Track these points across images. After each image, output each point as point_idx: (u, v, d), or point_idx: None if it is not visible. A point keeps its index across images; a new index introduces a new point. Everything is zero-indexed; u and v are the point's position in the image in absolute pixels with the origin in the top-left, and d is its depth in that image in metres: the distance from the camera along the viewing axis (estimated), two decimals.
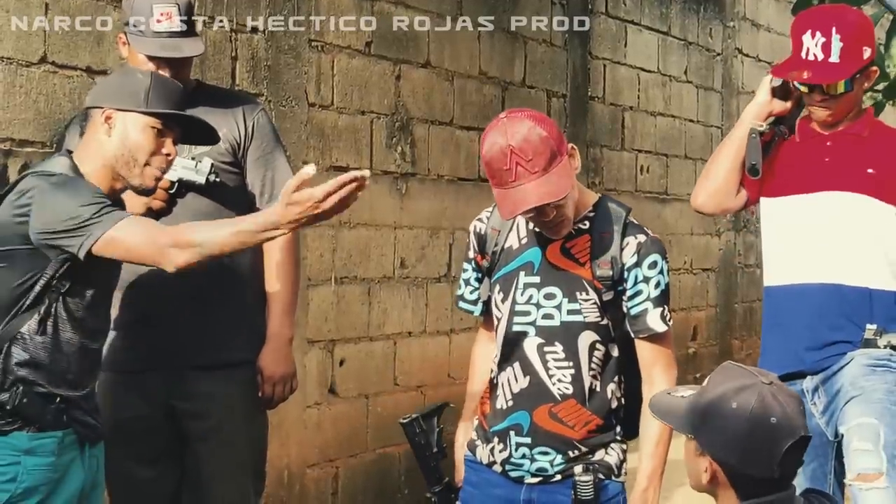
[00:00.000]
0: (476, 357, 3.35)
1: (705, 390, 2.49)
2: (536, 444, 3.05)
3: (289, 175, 3.75)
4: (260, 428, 3.80)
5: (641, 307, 3.04)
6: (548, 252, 3.06)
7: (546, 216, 2.94)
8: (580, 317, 3.03)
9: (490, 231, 3.14)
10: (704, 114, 9.40)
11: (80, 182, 3.02)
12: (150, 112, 3.08)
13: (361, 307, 5.76)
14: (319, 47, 5.49)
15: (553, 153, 2.87)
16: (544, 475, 3.06)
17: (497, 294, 3.11)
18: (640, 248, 3.05)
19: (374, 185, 5.83)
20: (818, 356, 3.67)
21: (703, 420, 2.45)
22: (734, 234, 9.84)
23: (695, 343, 9.28)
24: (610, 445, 3.09)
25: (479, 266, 3.20)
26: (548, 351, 3.04)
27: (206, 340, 3.62)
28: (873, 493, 3.48)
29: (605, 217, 3.07)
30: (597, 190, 7.87)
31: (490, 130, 2.91)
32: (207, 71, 4.80)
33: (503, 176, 2.85)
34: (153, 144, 3.10)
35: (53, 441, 3.01)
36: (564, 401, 3.04)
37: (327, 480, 5.60)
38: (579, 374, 3.03)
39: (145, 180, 3.12)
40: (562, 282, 3.04)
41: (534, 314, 3.05)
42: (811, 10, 3.79)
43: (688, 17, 9.12)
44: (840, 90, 3.61)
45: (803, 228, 3.72)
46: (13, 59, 4.05)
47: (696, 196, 3.94)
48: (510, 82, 6.95)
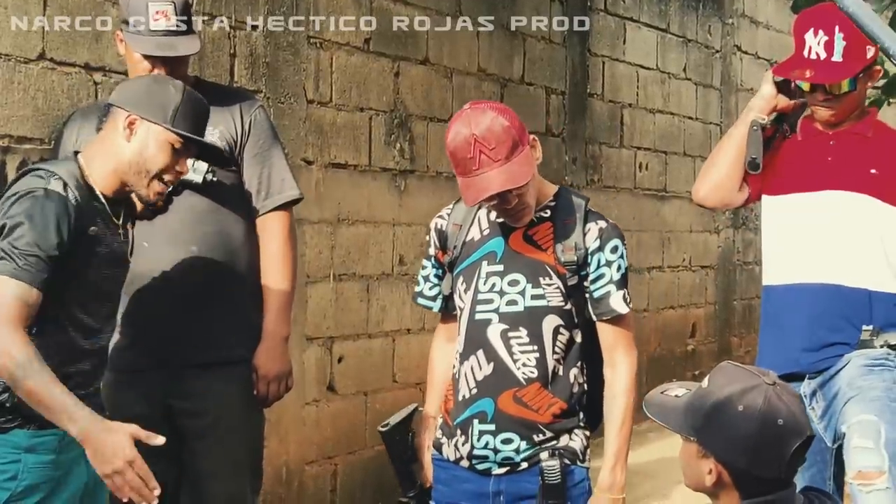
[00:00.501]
0: (435, 356, 3.39)
1: (707, 392, 2.47)
2: (500, 431, 3.09)
3: (286, 173, 3.75)
4: (256, 426, 3.80)
5: (604, 290, 3.12)
6: (510, 240, 3.14)
7: (508, 203, 3.03)
8: (544, 301, 3.10)
9: (451, 227, 3.23)
10: (703, 111, 9.39)
11: (50, 221, 2.91)
12: (174, 131, 3.06)
13: (360, 304, 5.76)
14: (318, 44, 5.49)
15: (515, 142, 2.97)
16: (510, 464, 3.11)
17: (460, 285, 3.17)
18: (601, 233, 3.12)
19: (373, 182, 5.84)
20: (815, 358, 3.65)
21: (707, 422, 2.44)
22: (733, 232, 9.84)
23: (693, 340, 9.28)
24: (574, 431, 3.14)
25: (440, 262, 3.26)
26: (512, 336, 3.10)
27: (202, 339, 3.62)
28: (874, 495, 3.44)
29: (565, 206, 3.16)
30: (596, 187, 7.90)
31: (454, 121, 3.00)
32: (206, 68, 4.80)
33: (467, 164, 2.97)
34: (169, 160, 3.07)
35: (54, 439, 2.99)
36: (529, 385, 3.09)
37: (326, 477, 5.60)
38: (543, 357, 3.10)
39: (150, 193, 3.09)
40: (525, 268, 3.11)
41: (497, 301, 3.11)
42: (814, 7, 3.74)
43: (687, 14, 9.12)
44: (844, 90, 3.58)
45: (804, 227, 3.70)
46: (11, 56, 4.04)
47: (698, 189, 3.91)
48: (509, 79, 6.95)
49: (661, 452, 7.35)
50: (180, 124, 3.07)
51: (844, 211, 3.65)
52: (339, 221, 5.60)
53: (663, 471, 6.93)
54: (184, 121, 3.08)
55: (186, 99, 3.11)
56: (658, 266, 8.78)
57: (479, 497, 3.15)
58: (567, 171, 7.58)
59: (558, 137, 7.49)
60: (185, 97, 3.10)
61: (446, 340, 3.33)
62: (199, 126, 3.16)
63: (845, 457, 3.56)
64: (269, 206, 3.71)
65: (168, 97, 3.09)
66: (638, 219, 8.47)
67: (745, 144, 3.74)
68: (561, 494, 3.07)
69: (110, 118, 3.10)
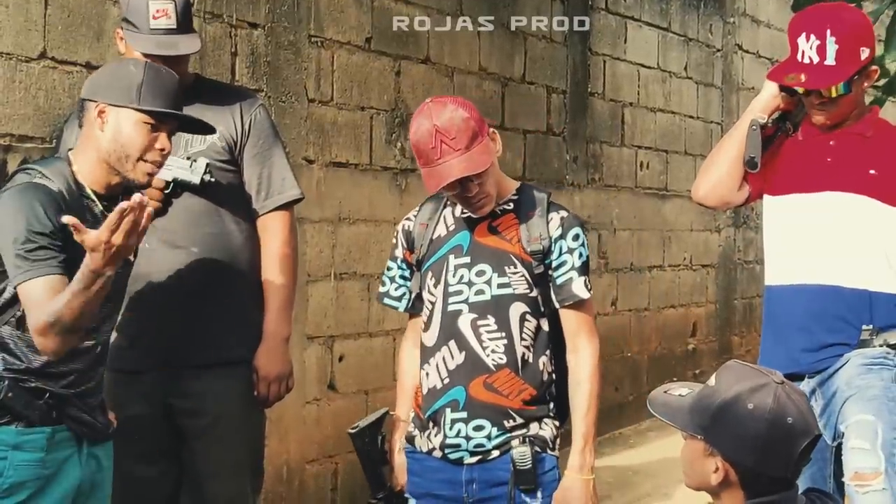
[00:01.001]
0: (404, 358, 3.46)
1: (714, 390, 2.46)
2: (472, 418, 3.19)
3: (286, 172, 3.75)
4: (257, 425, 3.80)
5: (567, 276, 3.23)
6: (475, 233, 3.26)
7: (469, 191, 3.16)
8: (510, 289, 3.21)
9: (418, 227, 3.35)
10: (704, 110, 9.39)
11: (36, 205, 2.92)
12: (142, 109, 3.04)
13: (361, 303, 5.77)
14: (319, 43, 5.49)
15: (474, 133, 3.11)
16: (482, 451, 3.20)
17: (429, 280, 3.29)
18: (563, 222, 3.25)
19: (374, 181, 5.84)
20: (814, 358, 3.66)
21: (715, 421, 2.43)
22: (734, 231, 9.84)
23: (694, 339, 9.28)
24: (543, 420, 3.24)
25: (408, 262, 3.37)
26: (480, 324, 3.21)
27: (202, 339, 3.62)
28: (870, 496, 3.46)
29: (528, 199, 3.28)
30: (597, 186, 7.90)
31: (416, 115, 3.15)
32: (207, 66, 4.80)
33: (429, 155, 3.11)
34: (146, 140, 3.05)
35: (42, 437, 2.99)
36: (499, 370, 3.20)
37: (326, 476, 5.61)
38: (511, 343, 3.20)
39: (137, 175, 3.07)
40: (491, 258, 3.24)
41: (466, 292, 3.23)
42: (807, 10, 3.71)
43: (688, 13, 9.12)
44: (838, 93, 3.56)
45: (803, 228, 3.70)
46: (12, 55, 4.04)
47: (698, 188, 3.91)
48: (510, 78, 6.95)
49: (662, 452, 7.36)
50: (147, 100, 3.04)
51: (843, 212, 3.64)
52: (339, 220, 5.60)
53: (664, 470, 6.94)
54: (151, 96, 3.04)
55: (149, 75, 3.06)
56: (659, 265, 8.78)
57: (452, 485, 3.24)
58: (568, 170, 7.58)
59: (559, 136, 7.49)
60: (146, 74, 3.06)
61: (415, 344, 3.40)
62: (169, 98, 3.09)
63: (843, 457, 3.56)
64: (270, 206, 3.71)
65: (130, 77, 3.06)
66: (639, 218, 8.47)
67: (742, 144, 3.74)
68: (532, 480, 3.18)
69: (85, 113, 3.09)
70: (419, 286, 3.33)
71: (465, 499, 3.23)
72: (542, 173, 7.26)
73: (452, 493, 3.24)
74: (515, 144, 6.98)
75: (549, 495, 3.20)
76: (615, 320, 8.17)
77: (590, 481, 3.20)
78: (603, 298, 7.93)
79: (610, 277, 8.11)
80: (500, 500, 3.20)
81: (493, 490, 3.21)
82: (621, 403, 8.18)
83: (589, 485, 3.20)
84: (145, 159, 3.06)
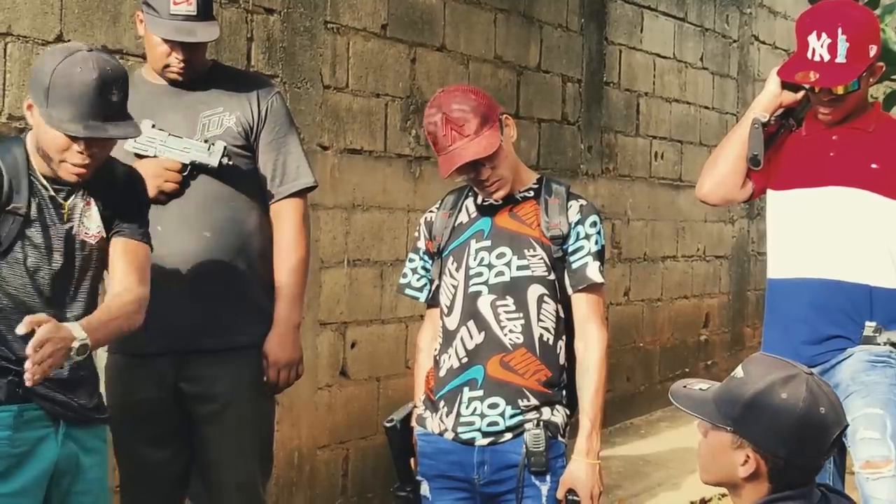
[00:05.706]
0: (422, 344, 3.50)
1: (743, 381, 2.43)
2: (487, 396, 3.26)
3: (301, 160, 3.75)
4: (266, 411, 3.80)
5: (583, 261, 3.31)
6: (496, 219, 3.35)
7: (482, 175, 3.26)
8: (528, 271, 3.29)
9: (441, 217, 3.44)
10: (720, 101, 9.37)
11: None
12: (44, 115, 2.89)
13: (374, 290, 5.77)
14: (335, 29, 5.49)
15: (484, 118, 3.22)
16: (495, 432, 3.25)
17: (451, 265, 3.36)
18: (581, 209, 3.34)
19: (388, 168, 5.84)
20: (815, 350, 3.68)
21: (746, 412, 2.39)
22: (748, 222, 9.83)
23: (706, 330, 9.27)
24: (556, 406, 3.29)
25: (430, 252, 3.45)
26: (499, 305, 3.29)
27: (213, 324, 3.62)
28: (881, 482, 3.52)
29: (548, 188, 3.38)
30: (611, 175, 7.89)
31: (429, 105, 3.28)
32: (223, 52, 4.80)
33: (442, 142, 3.23)
34: (62, 142, 2.91)
35: (9, 415, 2.95)
36: (515, 349, 3.27)
37: (338, 462, 5.62)
38: (529, 324, 3.28)
39: (64, 175, 2.97)
40: (511, 241, 3.32)
41: (486, 274, 3.31)
42: (816, 7, 3.74)
43: (704, 3, 9.09)
44: (848, 90, 3.60)
45: (806, 223, 3.73)
46: (29, 38, 4.05)
47: (702, 185, 3.95)
48: (525, 66, 6.94)
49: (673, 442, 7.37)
50: (55, 104, 2.87)
51: (845, 207, 3.67)
52: (353, 207, 5.60)
53: (675, 460, 6.94)
54: (58, 100, 2.87)
55: (57, 75, 2.87)
56: (672, 255, 8.77)
57: (464, 467, 3.28)
58: (582, 160, 7.57)
59: (574, 125, 7.48)
60: (55, 74, 2.87)
61: (432, 336, 3.45)
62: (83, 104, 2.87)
63: (851, 448, 3.60)
64: (284, 193, 3.71)
65: (43, 77, 2.90)
66: (653, 208, 8.46)
67: (745, 142, 3.78)
68: (544, 463, 3.23)
69: None
70: (439, 271, 3.39)
71: (476, 480, 3.27)
72: (556, 162, 7.25)
73: (464, 475, 3.28)
74: (530, 133, 6.98)
75: (556, 480, 3.24)
76: (628, 310, 8.17)
77: (595, 465, 3.24)
78: (616, 288, 7.93)
79: (623, 267, 8.11)
80: (511, 483, 3.25)
81: (503, 473, 3.25)
82: (633, 393, 8.19)
83: (595, 469, 3.24)
84: (65, 160, 2.95)
